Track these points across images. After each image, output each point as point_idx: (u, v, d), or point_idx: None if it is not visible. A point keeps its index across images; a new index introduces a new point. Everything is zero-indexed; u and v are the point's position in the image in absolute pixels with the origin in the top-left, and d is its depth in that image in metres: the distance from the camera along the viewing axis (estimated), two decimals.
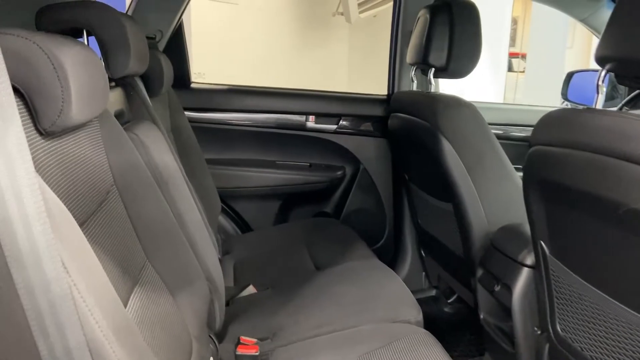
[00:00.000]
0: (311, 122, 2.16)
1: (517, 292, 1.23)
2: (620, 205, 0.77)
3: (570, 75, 1.93)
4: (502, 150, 1.47)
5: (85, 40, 1.11)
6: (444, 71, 1.62)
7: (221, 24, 4.97)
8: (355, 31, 5.85)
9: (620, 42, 0.81)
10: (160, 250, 1.02)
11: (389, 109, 1.97)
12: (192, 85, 2.18)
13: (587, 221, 0.90)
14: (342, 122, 2.17)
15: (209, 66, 4.14)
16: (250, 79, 2.63)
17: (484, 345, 1.49)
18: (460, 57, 1.58)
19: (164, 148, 1.19)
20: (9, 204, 0.51)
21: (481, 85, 5.34)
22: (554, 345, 1.10)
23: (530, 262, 1.22)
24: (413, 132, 1.66)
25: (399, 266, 2.12)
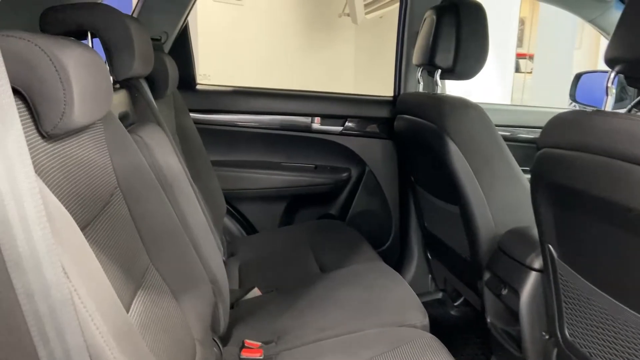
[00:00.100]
0: (317, 124, 2.15)
1: (524, 296, 1.22)
2: (630, 209, 0.76)
3: (578, 77, 1.91)
4: (510, 152, 1.46)
5: (90, 42, 1.11)
6: (451, 72, 1.60)
7: (227, 25, 4.97)
8: (361, 32, 5.84)
9: (631, 43, 0.80)
10: (164, 253, 1.01)
11: (395, 110, 1.96)
12: (198, 86, 2.18)
13: (596, 225, 0.89)
14: (347, 123, 2.16)
15: (215, 67, 4.14)
16: (256, 80, 2.63)
17: (491, 349, 1.47)
18: (467, 59, 1.57)
19: (168, 150, 1.18)
20: (8, 208, 0.51)
21: (488, 87, 5.32)
22: (562, 350, 1.08)
23: (538, 265, 1.21)
24: (419, 133, 1.65)
25: (404, 269, 2.11)
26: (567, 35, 6.34)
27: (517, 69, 7.40)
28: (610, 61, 0.86)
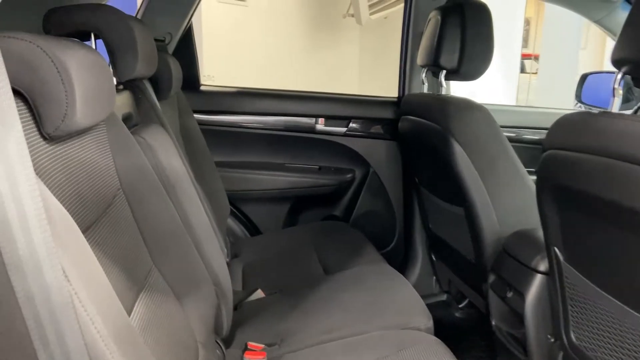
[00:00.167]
0: (321, 125, 2.15)
1: (530, 299, 1.21)
2: (638, 213, 0.75)
3: (584, 77, 1.90)
4: (515, 154, 1.45)
5: (93, 44, 1.11)
6: (456, 73, 1.60)
7: (231, 26, 4.97)
8: (366, 33, 5.83)
9: (638, 44, 0.79)
10: (166, 255, 1.01)
11: (399, 111, 1.95)
12: (202, 87, 2.17)
13: (603, 228, 0.88)
14: (351, 124, 2.15)
15: (219, 68, 4.14)
16: (260, 81, 2.62)
17: (496, 352, 1.46)
18: (472, 59, 1.56)
19: (171, 151, 1.18)
20: (9, 210, 0.50)
21: (493, 87, 5.29)
22: (568, 354, 1.07)
23: (544, 268, 1.20)
24: (424, 135, 1.64)
25: (409, 270, 2.10)
26: (573, 35, 6.31)
27: (522, 70, 7.37)
28: (617, 62, 0.85)
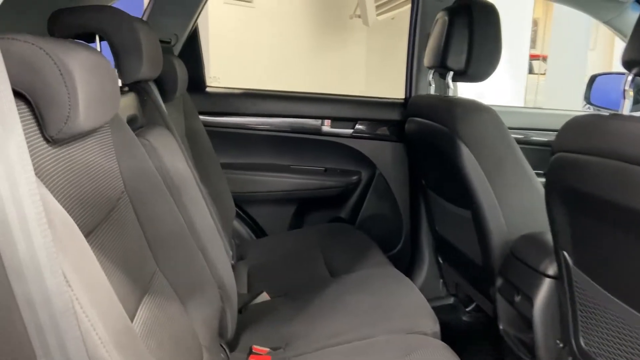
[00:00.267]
0: (327, 126, 2.14)
1: (538, 304, 1.19)
2: None
3: (593, 78, 1.88)
4: (523, 156, 1.43)
5: (98, 45, 1.11)
6: (463, 75, 1.58)
7: (238, 27, 4.98)
8: (372, 34, 5.81)
9: None
10: (171, 258, 1.01)
11: (406, 113, 1.94)
12: (208, 89, 2.17)
13: (613, 232, 0.86)
14: (358, 126, 2.14)
15: (225, 69, 4.14)
16: (267, 82, 2.62)
17: (503, 357, 1.45)
18: (480, 61, 1.54)
19: (176, 154, 1.18)
20: (9, 214, 0.50)
21: (501, 88, 5.26)
22: (577, 359, 1.06)
23: (553, 272, 1.18)
24: (431, 136, 1.63)
25: (415, 273, 2.08)
26: (582, 36, 6.27)
27: (531, 71, 7.34)
28: (627, 63, 0.83)
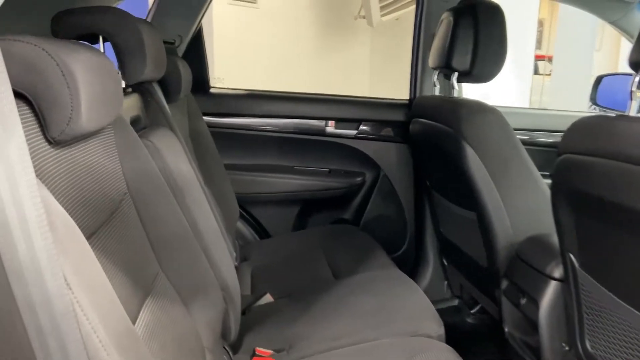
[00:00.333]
0: (331, 127, 2.14)
1: (544, 306, 1.18)
2: None
3: (599, 79, 1.87)
4: (529, 157, 1.42)
5: (102, 47, 1.10)
6: (468, 75, 1.57)
7: (242, 28, 4.98)
8: (377, 34, 5.81)
9: None
10: (174, 260, 1.00)
11: (410, 113, 1.93)
12: (212, 90, 2.17)
13: (620, 234, 0.85)
14: (362, 127, 2.13)
15: (230, 70, 4.14)
16: (270, 83, 2.62)
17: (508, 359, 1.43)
18: (485, 61, 1.53)
19: (180, 155, 1.17)
20: (9, 216, 0.49)
21: (506, 89, 5.25)
22: None
23: (559, 275, 1.17)
24: (435, 138, 1.62)
25: (420, 275, 2.07)
26: (587, 36, 6.24)
27: (536, 71, 7.31)
28: (634, 64, 0.83)
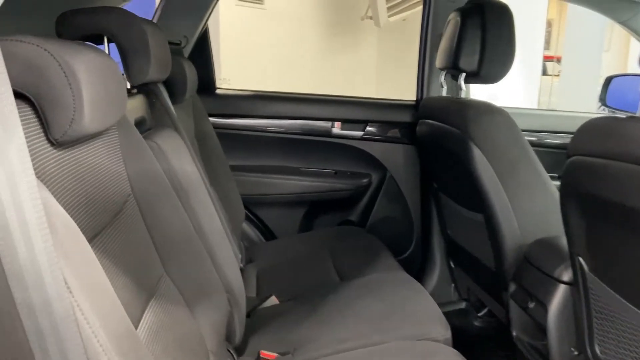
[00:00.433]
0: (337, 129, 2.13)
1: (552, 310, 1.17)
2: None
3: (609, 80, 1.85)
4: (537, 159, 1.41)
5: (106, 47, 1.10)
6: (476, 76, 1.56)
7: (249, 29, 4.98)
8: (384, 35, 5.79)
9: None
10: (178, 262, 1.00)
11: (417, 115, 1.92)
12: (217, 91, 2.17)
13: (630, 237, 0.84)
14: (368, 128, 2.12)
15: (236, 71, 4.15)
16: (277, 84, 2.61)
17: None
18: (493, 62, 1.52)
19: (184, 156, 1.17)
20: (9, 218, 0.49)
21: (514, 90, 5.22)
22: None
23: (567, 278, 1.16)
24: (442, 139, 1.61)
25: (426, 277, 2.06)
26: (596, 37, 6.21)
27: (544, 72, 7.28)
28: None
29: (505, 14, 1.51)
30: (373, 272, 1.59)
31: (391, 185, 2.16)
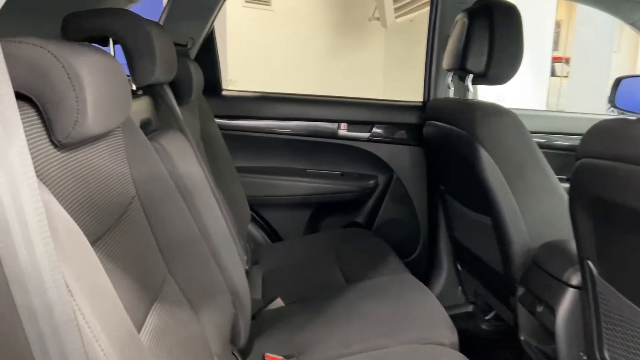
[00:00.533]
0: (343, 130, 2.12)
1: (561, 314, 1.15)
2: None
3: (618, 81, 1.82)
4: (545, 161, 1.39)
5: (112, 49, 1.10)
6: (483, 77, 1.55)
7: (256, 30, 4.99)
8: (391, 36, 5.78)
9: None
10: (182, 264, 0.99)
11: (424, 116, 1.91)
12: (224, 92, 2.17)
13: None
14: (375, 129, 2.12)
15: (243, 72, 4.15)
16: (284, 85, 2.61)
17: None
18: (501, 63, 1.51)
19: (190, 158, 1.16)
20: (10, 221, 0.48)
21: (523, 91, 5.19)
22: None
23: (576, 282, 1.14)
24: (449, 141, 1.60)
25: (433, 280, 2.04)
26: (605, 38, 6.16)
27: (553, 73, 7.24)
28: None
29: (513, 14, 1.50)
30: (379, 274, 1.58)
31: (398, 187, 2.14)
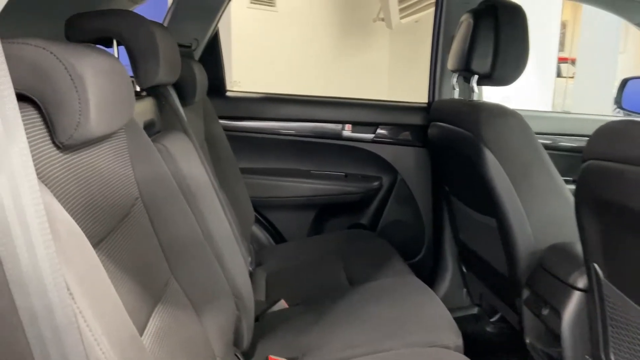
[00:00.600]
0: (347, 131, 2.11)
1: (567, 317, 1.14)
2: None
3: (624, 82, 1.81)
4: (551, 162, 1.38)
5: (115, 50, 1.10)
6: (488, 78, 1.54)
7: (261, 31, 4.99)
8: (396, 37, 5.77)
9: None
10: (185, 266, 0.99)
11: (429, 117, 1.90)
12: (228, 93, 2.17)
13: None
14: (379, 130, 2.11)
15: (248, 73, 4.15)
16: (288, 86, 2.61)
17: None
18: (506, 64, 1.50)
19: (193, 159, 1.16)
20: (11, 224, 0.48)
21: (528, 92, 5.16)
22: None
23: (582, 285, 1.13)
24: (454, 142, 1.59)
25: (438, 282, 2.03)
26: (611, 38, 6.13)
27: (559, 74, 7.21)
28: None
29: (518, 15, 1.49)
30: (383, 276, 1.57)
31: (402, 189, 2.14)
